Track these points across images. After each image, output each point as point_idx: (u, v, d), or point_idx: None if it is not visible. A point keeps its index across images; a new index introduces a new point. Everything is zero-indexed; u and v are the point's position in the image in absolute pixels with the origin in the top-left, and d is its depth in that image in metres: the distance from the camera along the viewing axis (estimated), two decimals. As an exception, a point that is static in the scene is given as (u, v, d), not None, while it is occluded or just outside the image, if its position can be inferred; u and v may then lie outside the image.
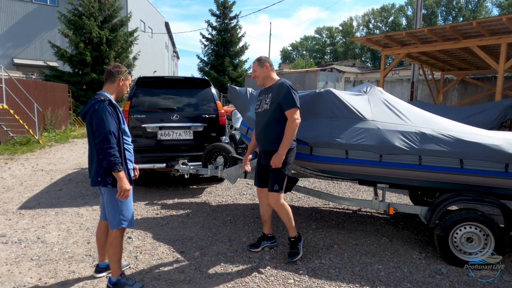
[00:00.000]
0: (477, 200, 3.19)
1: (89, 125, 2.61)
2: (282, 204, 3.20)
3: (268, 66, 3.27)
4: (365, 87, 4.14)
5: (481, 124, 6.56)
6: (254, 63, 3.32)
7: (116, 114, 2.61)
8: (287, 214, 3.23)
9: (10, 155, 8.71)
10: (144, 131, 5.34)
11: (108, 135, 2.49)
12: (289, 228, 3.29)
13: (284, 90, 3.10)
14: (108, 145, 2.48)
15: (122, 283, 2.70)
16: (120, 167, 2.52)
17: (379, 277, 3.01)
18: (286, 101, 3.08)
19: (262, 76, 3.29)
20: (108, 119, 2.53)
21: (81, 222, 4.22)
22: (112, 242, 2.66)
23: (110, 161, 2.48)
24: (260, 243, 3.49)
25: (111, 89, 2.73)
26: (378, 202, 3.66)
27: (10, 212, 4.54)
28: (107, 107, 2.56)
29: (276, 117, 3.15)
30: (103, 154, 2.49)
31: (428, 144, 3.32)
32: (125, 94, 2.87)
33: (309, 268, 3.14)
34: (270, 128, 3.19)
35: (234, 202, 5.13)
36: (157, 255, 3.37)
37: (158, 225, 4.13)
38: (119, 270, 2.71)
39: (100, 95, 2.65)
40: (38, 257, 3.28)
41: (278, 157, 3.08)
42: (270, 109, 3.17)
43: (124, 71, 2.76)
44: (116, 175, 2.53)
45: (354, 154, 3.47)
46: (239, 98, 4.55)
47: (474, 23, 7.10)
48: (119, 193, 2.55)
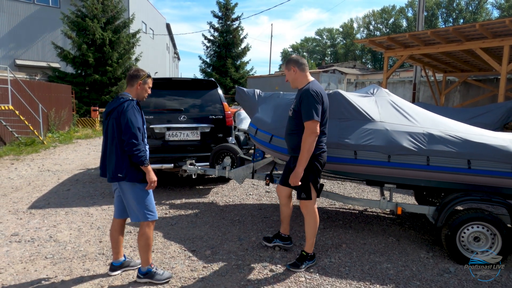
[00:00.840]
0: (484, 200, 3.25)
1: (114, 122, 2.71)
2: (311, 212, 3.05)
3: (295, 69, 3.01)
4: (372, 88, 4.20)
5: (485, 125, 6.59)
6: (283, 66, 3.22)
7: (141, 113, 2.82)
8: (313, 225, 3.07)
9: (16, 156, 8.77)
10: (152, 131, 5.39)
11: (137, 132, 2.68)
12: (308, 241, 3.11)
13: (306, 99, 2.86)
14: (137, 141, 2.67)
15: (152, 273, 2.83)
16: (147, 162, 2.73)
17: (389, 275, 3.06)
18: (305, 111, 2.86)
19: (291, 79, 3.07)
20: (137, 117, 2.73)
21: (91, 221, 4.27)
22: (143, 234, 2.80)
23: (139, 157, 2.67)
24: (273, 239, 3.51)
25: (132, 92, 2.87)
26: (386, 202, 3.72)
27: (21, 211, 4.60)
28: (136, 106, 2.76)
29: (297, 125, 2.98)
30: (133, 150, 2.66)
31: (436, 145, 3.38)
32: (145, 97, 2.96)
33: (319, 266, 3.19)
34: (292, 136, 3.05)
35: (241, 202, 5.18)
36: (169, 253, 3.42)
37: (167, 225, 4.19)
38: (149, 260, 2.85)
39: (125, 95, 2.82)
40: (52, 256, 3.33)
41: (295, 175, 2.90)
42: (292, 116, 3.03)
43: (142, 75, 2.87)
44: (144, 169, 2.74)
45: (362, 154, 3.52)
46: (248, 99, 4.60)
47: (477, 26, 7.16)
48: (149, 185, 2.77)
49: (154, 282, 2.83)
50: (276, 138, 3.94)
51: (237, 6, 26.35)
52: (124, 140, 2.68)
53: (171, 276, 2.93)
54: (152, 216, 2.83)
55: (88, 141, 12.00)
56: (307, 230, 3.11)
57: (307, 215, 3.09)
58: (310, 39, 78.74)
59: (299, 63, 3.03)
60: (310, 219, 3.08)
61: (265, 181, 4.46)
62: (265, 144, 4.06)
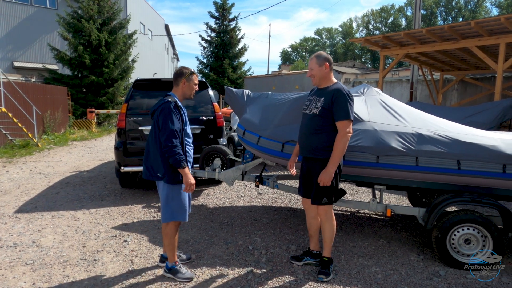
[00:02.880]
0: (475, 202, 3.16)
1: (155, 123, 2.80)
2: (331, 217, 2.97)
3: (328, 66, 2.88)
4: (362, 88, 4.12)
5: (481, 124, 6.53)
6: (312, 60, 2.91)
7: (180, 115, 2.81)
8: (331, 229, 2.98)
9: (9, 158, 8.70)
10: (142, 133, 5.32)
11: (173, 134, 2.70)
12: (327, 246, 3.02)
13: (341, 98, 2.77)
14: (172, 143, 2.69)
15: (175, 270, 2.94)
16: (184, 164, 2.72)
17: (376, 279, 2.98)
18: (340, 110, 2.75)
19: (319, 76, 2.91)
20: (173, 119, 2.73)
21: (77, 225, 4.19)
22: (168, 233, 2.90)
23: (175, 159, 2.69)
24: (303, 258, 3.23)
25: (177, 92, 2.94)
26: (375, 204, 3.63)
27: (7, 216, 4.52)
28: (173, 108, 2.76)
29: (325, 125, 2.84)
30: (169, 152, 2.69)
31: (425, 145, 3.30)
32: (193, 94, 3.01)
33: (305, 271, 3.10)
34: (316, 136, 2.88)
35: (231, 205, 5.10)
36: (152, 258, 3.34)
37: (154, 228, 4.11)
38: (174, 257, 2.96)
39: (169, 96, 2.87)
40: (32, 261, 3.26)
41: (326, 174, 2.77)
42: (319, 114, 2.85)
43: (186, 73, 2.91)
44: (181, 171, 2.73)
45: (350, 155, 3.44)
46: (236, 100, 4.53)
47: (472, 23, 7.07)
48: (186, 187, 2.76)
49: (175, 279, 2.92)
50: (264, 139, 3.87)
51: (234, 6, 26.13)
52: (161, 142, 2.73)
53: (192, 278, 2.95)
54: (178, 217, 2.87)
55: (84, 143, 11.93)
56: (326, 236, 3.00)
57: (327, 221, 2.97)
58: (309, 39, 78.63)
59: (331, 61, 2.93)
60: (329, 224, 2.97)
61: (255, 182, 4.39)
62: (252, 145, 3.99)
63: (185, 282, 2.90)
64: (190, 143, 2.96)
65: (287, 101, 3.97)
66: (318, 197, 2.89)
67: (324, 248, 3.07)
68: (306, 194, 3.08)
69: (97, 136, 14.10)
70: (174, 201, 2.85)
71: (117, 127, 5.43)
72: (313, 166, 2.94)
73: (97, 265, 3.20)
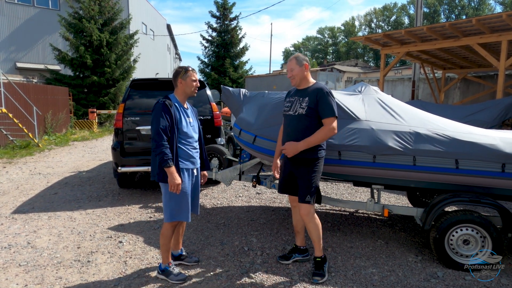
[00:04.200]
0: (473, 201, 3.11)
1: None
2: (313, 217, 2.96)
3: (307, 66, 2.96)
4: (360, 86, 4.06)
5: (483, 122, 6.45)
6: (291, 61, 2.97)
7: (171, 114, 2.76)
8: (317, 229, 2.97)
9: (9, 159, 8.71)
10: (139, 133, 5.29)
11: (158, 132, 2.68)
12: (316, 245, 3.01)
13: (324, 97, 2.85)
14: (157, 142, 2.67)
15: (168, 271, 2.92)
16: (170, 163, 2.67)
17: (372, 281, 2.93)
18: (326, 108, 2.84)
19: (300, 77, 2.96)
20: (160, 118, 2.71)
21: (73, 226, 4.17)
22: (163, 233, 2.88)
23: (161, 157, 2.67)
24: (291, 256, 3.24)
25: (177, 92, 2.96)
26: (373, 204, 3.58)
27: (3, 216, 4.51)
28: (162, 107, 2.75)
29: (311, 124, 2.89)
30: (155, 149, 2.69)
31: (423, 144, 3.24)
32: (194, 91, 2.99)
33: (301, 272, 3.06)
34: (303, 136, 2.89)
35: (229, 205, 5.06)
36: (146, 259, 3.31)
37: (150, 229, 4.08)
38: (168, 259, 2.94)
39: (165, 96, 2.88)
40: (26, 263, 3.23)
41: (294, 146, 2.85)
42: (305, 114, 2.89)
43: (180, 71, 2.91)
44: (166, 170, 2.69)
45: (347, 155, 3.39)
46: (233, 99, 4.49)
47: (473, 21, 6.98)
48: (170, 187, 2.72)
49: (168, 280, 2.90)
50: (260, 139, 3.82)
51: (235, 5, 26.09)
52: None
53: (185, 280, 2.92)
54: (177, 217, 2.84)
55: (84, 143, 11.94)
56: (313, 235, 2.98)
57: (310, 222, 2.95)
58: (311, 38, 78.48)
59: (309, 63, 3.04)
60: (313, 224, 2.96)
61: (252, 182, 4.35)
62: (248, 145, 3.94)
63: (177, 284, 2.87)
64: (192, 142, 2.93)
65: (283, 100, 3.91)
66: (302, 194, 2.93)
67: (314, 249, 3.04)
68: (291, 191, 3.13)
69: (99, 136, 14.12)
70: (173, 201, 2.82)
71: (114, 127, 5.41)
72: (298, 166, 2.95)
73: (91, 267, 3.17)
